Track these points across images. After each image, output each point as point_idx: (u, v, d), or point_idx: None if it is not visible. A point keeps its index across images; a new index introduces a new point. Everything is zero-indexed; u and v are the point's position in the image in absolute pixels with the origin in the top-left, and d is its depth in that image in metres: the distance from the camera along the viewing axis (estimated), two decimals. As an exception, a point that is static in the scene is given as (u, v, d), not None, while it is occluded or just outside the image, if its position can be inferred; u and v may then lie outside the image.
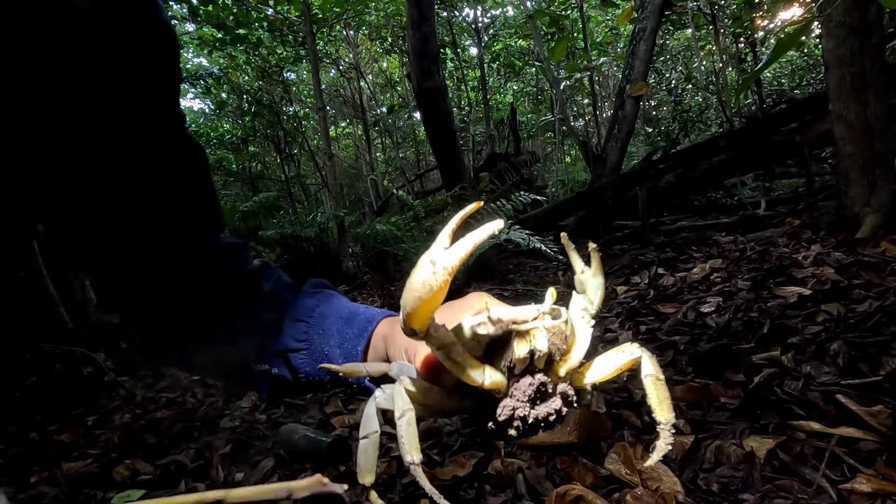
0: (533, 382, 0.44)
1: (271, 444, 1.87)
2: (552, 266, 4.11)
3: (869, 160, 2.69)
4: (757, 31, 7.07)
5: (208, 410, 2.32)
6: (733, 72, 8.35)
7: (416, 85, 3.54)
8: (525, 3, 6.21)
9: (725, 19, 7.47)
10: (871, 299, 1.89)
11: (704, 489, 1.14)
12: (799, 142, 3.89)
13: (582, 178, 7.00)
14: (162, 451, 1.98)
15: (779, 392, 1.43)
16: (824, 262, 2.45)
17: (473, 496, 1.32)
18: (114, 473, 1.80)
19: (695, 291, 2.62)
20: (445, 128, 3.66)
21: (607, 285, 3.19)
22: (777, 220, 3.74)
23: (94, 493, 1.71)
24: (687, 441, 1.30)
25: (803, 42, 6.72)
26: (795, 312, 1.95)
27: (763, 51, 7.43)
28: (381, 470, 1.50)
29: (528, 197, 3.47)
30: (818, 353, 1.60)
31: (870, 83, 2.63)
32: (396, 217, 3.76)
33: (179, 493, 0.43)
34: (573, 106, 10.35)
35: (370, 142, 11.36)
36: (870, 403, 1.26)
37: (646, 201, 4.30)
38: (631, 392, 1.63)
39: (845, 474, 1.09)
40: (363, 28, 9.95)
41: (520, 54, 10.95)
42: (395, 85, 12.18)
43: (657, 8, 4.68)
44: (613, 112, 5.04)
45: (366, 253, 3.44)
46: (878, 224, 2.63)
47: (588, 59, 6.19)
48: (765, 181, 6.00)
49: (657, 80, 8.70)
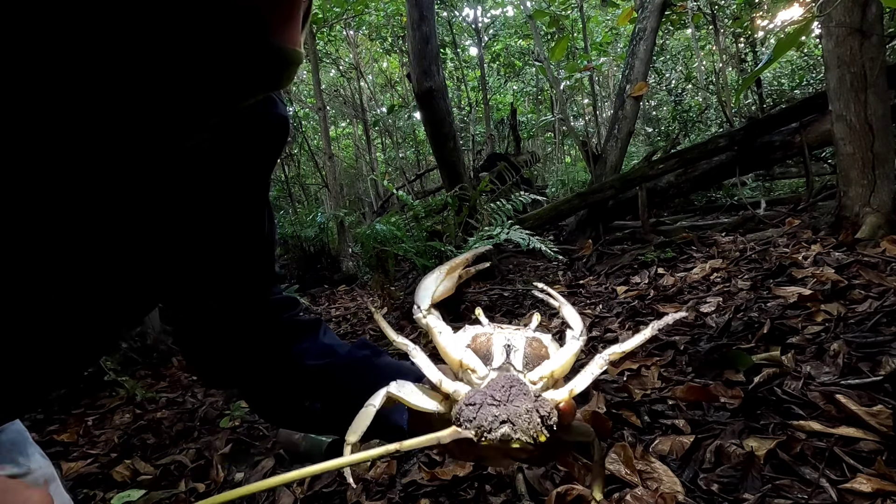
0: (508, 377, 0.47)
1: (271, 444, 1.87)
2: (552, 266, 4.11)
3: (869, 160, 2.69)
4: (757, 31, 7.07)
5: (208, 410, 2.32)
6: (733, 72, 8.34)
7: (416, 85, 3.53)
8: (525, 3, 6.21)
9: (725, 19, 7.47)
10: (871, 299, 1.89)
11: (704, 489, 1.14)
12: (799, 142, 3.89)
13: (582, 178, 6.99)
14: (162, 451, 1.98)
15: (779, 392, 1.43)
16: (824, 262, 2.45)
17: (473, 496, 1.32)
18: (114, 473, 1.81)
19: (695, 291, 2.62)
20: (445, 128, 3.66)
21: (607, 285, 3.21)
22: (777, 220, 3.74)
23: (94, 493, 1.71)
24: (687, 441, 1.30)
25: (803, 42, 6.71)
26: (795, 312, 1.95)
27: (763, 51, 7.43)
28: (381, 470, 1.50)
29: (528, 197, 3.46)
30: (818, 353, 1.60)
31: (870, 83, 2.63)
32: (396, 217, 3.76)
33: (369, 448, 0.47)
34: (573, 106, 10.34)
35: (370, 142, 11.36)
36: (870, 403, 1.26)
37: (646, 201, 4.30)
38: (631, 392, 1.63)
39: (845, 474, 1.09)
40: (363, 28, 9.95)
41: (520, 54, 10.95)
42: (395, 85, 12.17)
43: (657, 8, 4.68)
44: (613, 112, 5.04)
45: (366, 253, 3.44)
46: (878, 224, 2.63)
47: (588, 59, 6.19)
48: (765, 181, 6.00)
49: (657, 80, 8.70)
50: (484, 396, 0.45)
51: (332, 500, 1.45)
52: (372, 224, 3.61)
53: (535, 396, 0.45)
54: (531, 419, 0.43)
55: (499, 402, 0.44)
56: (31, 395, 0.57)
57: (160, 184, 0.49)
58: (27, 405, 0.61)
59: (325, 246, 5.90)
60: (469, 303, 3.23)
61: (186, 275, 0.61)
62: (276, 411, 0.74)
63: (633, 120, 4.91)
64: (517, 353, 0.51)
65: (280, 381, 0.69)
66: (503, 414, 0.43)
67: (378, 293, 3.59)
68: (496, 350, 0.51)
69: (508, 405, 0.44)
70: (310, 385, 0.69)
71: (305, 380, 0.69)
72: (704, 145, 4.32)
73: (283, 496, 1.49)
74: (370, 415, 0.49)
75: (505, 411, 0.43)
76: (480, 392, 0.45)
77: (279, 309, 0.71)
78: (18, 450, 0.68)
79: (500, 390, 0.45)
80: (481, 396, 0.45)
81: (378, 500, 1.40)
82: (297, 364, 0.68)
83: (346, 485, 1.47)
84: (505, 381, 0.46)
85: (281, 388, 0.69)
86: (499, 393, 0.45)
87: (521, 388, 0.45)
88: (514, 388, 0.45)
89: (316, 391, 0.68)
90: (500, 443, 0.43)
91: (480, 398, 0.45)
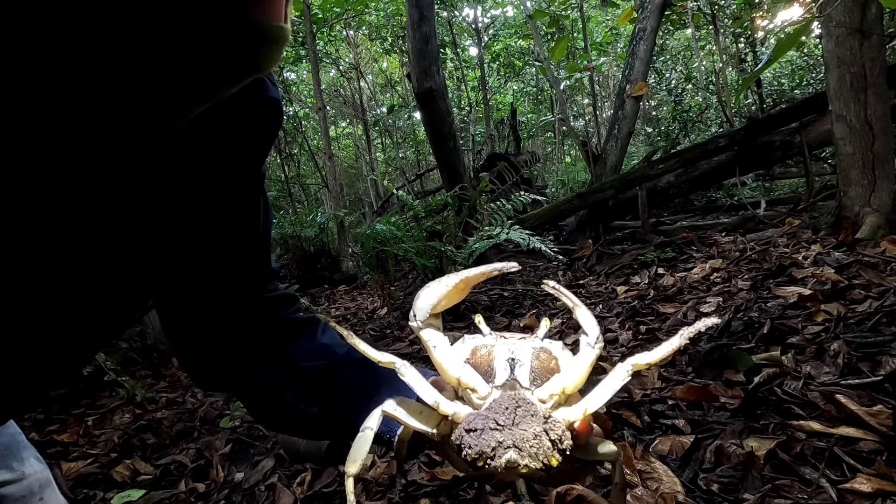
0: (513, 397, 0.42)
1: (271, 444, 1.87)
2: (552, 266, 4.11)
3: (869, 160, 2.69)
4: (757, 31, 7.07)
5: (208, 410, 2.32)
6: (733, 72, 8.35)
7: (416, 85, 3.53)
8: (525, 3, 6.21)
9: (725, 19, 7.47)
10: (871, 299, 1.89)
11: (704, 489, 1.14)
12: (799, 142, 3.89)
13: (582, 178, 6.99)
14: (162, 451, 1.98)
15: (779, 392, 1.43)
16: (824, 262, 2.45)
17: (473, 496, 1.32)
18: (114, 473, 1.81)
19: (695, 291, 2.62)
20: (445, 128, 3.66)
21: (607, 285, 3.21)
22: (777, 220, 3.74)
23: (94, 493, 1.71)
24: (687, 441, 1.30)
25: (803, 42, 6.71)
26: (795, 312, 1.95)
27: (763, 51, 7.43)
28: (381, 470, 1.50)
29: (528, 197, 3.46)
30: (818, 353, 1.60)
31: (870, 83, 2.63)
32: (396, 217, 3.76)
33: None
34: (573, 106, 10.34)
35: (370, 142, 11.36)
36: (870, 403, 1.26)
37: (646, 201, 4.30)
38: (631, 392, 1.63)
39: (845, 474, 1.09)
40: (363, 28, 9.95)
41: (520, 54, 10.95)
42: (395, 85, 12.17)
43: (657, 8, 4.68)
44: (613, 112, 5.04)
45: (366, 253, 3.43)
46: (878, 224, 2.63)
47: (588, 59, 6.19)
48: (765, 181, 6.00)
49: (657, 80, 8.69)
50: (486, 420, 0.40)
51: (332, 500, 1.45)
52: (372, 224, 3.61)
53: (544, 418, 0.40)
54: (540, 444, 0.39)
55: (502, 427, 0.39)
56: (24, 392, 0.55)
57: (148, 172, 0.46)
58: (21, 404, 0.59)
59: (325, 246, 5.89)
60: (469, 303, 3.23)
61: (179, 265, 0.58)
62: (272, 415, 0.71)
63: (633, 120, 4.91)
64: (522, 367, 0.45)
65: (274, 384, 0.65)
66: (508, 439, 0.39)
67: (378, 293, 3.59)
68: (499, 365, 0.46)
69: (514, 429, 0.39)
70: (306, 387, 0.65)
71: (301, 382, 0.65)
72: (704, 145, 4.32)
73: (283, 496, 1.49)
74: (368, 440, 0.44)
75: (510, 436, 0.39)
76: (482, 416, 0.41)
77: (275, 306, 0.67)
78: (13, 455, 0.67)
79: (503, 413, 0.40)
80: (483, 421, 0.40)
81: (378, 500, 1.40)
82: (292, 365, 0.65)
83: (346, 485, 1.47)
84: (509, 402, 0.41)
85: (275, 390, 0.66)
86: (503, 416, 0.40)
87: (528, 409, 0.41)
88: (519, 410, 0.41)
89: (313, 394, 0.65)
90: (507, 470, 0.39)
91: (482, 423, 0.40)
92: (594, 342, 0.45)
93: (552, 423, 0.40)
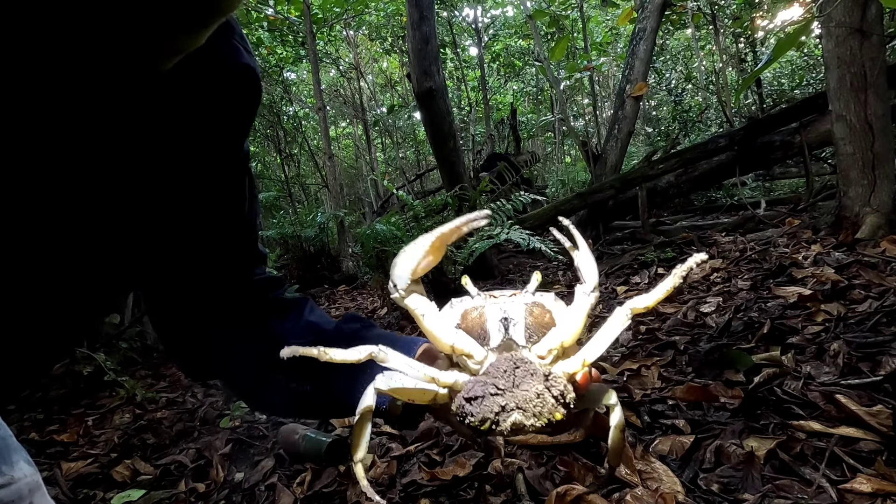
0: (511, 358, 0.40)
1: (271, 444, 1.87)
2: (552, 266, 4.11)
3: (869, 160, 2.69)
4: (757, 31, 7.07)
5: (208, 410, 2.32)
6: (733, 72, 8.35)
7: (416, 85, 3.53)
8: (525, 3, 6.20)
9: (725, 19, 7.47)
10: (871, 299, 1.89)
11: (704, 489, 1.14)
12: (799, 142, 3.89)
13: (582, 178, 6.99)
14: (162, 451, 1.98)
15: (779, 392, 1.43)
16: (824, 262, 2.45)
17: (473, 496, 1.32)
18: (114, 473, 1.81)
19: (695, 291, 2.62)
20: (445, 128, 3.66)
21: (607, 285, 3.21)
22: (777, 220, 3.74)
23: (94, 493, 1.71)
24: (687, 441, 1.30)
25: (803, 42, 6.71)
26: (795, 312, 1.95)
27: (763, 51, 7.43)
28: (381, 470, 1.50)
29: (528, 197, 3.46)
30: (818, 353, 1.60)
31: (870, 83, 2.63)
32: (396, 217, 3.76)
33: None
34: (573, 106, 10.34)
35: (370, 142, 11.36)
36: (870, 403, 1.26)
37: (646, 201, 4.31)
38: (631, 392, 1.63)
39: (845, 474, 1.09)
40: (363, 28, 9.95)
41: (520, 54, 10.95)
42: (395, 85, 12.18)
43: (657, 8, 4.68)
44: (613, 112, 5.04)
45: (366, 253, 3.44)
46: (878, 224, 2.63)
47: (588, 59, 6.19)
48: (765, 181, 6.00)
49: (657, 80, 8.70)
50: (485, 387, 0.38)
51: (332, 500, 1.45)
52: (372, 224, 3.61)
53: (544, 375, 0.39)
54: (544, 402, 0.37)
55: (503, 391, 0.38)
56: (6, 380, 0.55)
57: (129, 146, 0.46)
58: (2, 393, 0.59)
59: (325, 246, 5.89)
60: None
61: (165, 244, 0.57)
62: (267, 398, 0.70)
63: (633, 120, 4.91)
64: (517, 325, 0.43)
65: (264, 365, 0.65)
66: (511, 402, 0.37)
67: (378, 293, 3.59)
68: (492, 326, 0.44)
69: (515, 391, 0.38)
70: (296, 366, 0.64)
71: (291, 361, 0.65)
72: (704, 145, 4.32)
73: (283, 496, 1.49)
74: (367, 422, 0.43)
75: (513, 399, 0.37)
76: (480, 382, 0.39)
77: (263, 289, 0.67)
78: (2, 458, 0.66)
79: (502, 376, 0.39)
80: (482, 387, 0.39)
81: (378, 500, 1.39)
82: (280, 345, 0.65)
83: (345, 485, 1.47)
84: (507, 364, 0.40)
85: (266, 372, 0.65)
86: (502, 380, 0.38)
87: (527, 369, 0.39)
88: (518, 370, 0.39)
89: (304, 372, 0.63)
90: (513, 432, 0.38)
91: (482, 389, 0.38)
92: (590, 290, 0.43)
93: (553, 380, 0.39)
